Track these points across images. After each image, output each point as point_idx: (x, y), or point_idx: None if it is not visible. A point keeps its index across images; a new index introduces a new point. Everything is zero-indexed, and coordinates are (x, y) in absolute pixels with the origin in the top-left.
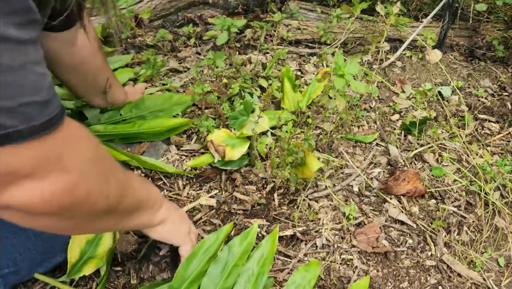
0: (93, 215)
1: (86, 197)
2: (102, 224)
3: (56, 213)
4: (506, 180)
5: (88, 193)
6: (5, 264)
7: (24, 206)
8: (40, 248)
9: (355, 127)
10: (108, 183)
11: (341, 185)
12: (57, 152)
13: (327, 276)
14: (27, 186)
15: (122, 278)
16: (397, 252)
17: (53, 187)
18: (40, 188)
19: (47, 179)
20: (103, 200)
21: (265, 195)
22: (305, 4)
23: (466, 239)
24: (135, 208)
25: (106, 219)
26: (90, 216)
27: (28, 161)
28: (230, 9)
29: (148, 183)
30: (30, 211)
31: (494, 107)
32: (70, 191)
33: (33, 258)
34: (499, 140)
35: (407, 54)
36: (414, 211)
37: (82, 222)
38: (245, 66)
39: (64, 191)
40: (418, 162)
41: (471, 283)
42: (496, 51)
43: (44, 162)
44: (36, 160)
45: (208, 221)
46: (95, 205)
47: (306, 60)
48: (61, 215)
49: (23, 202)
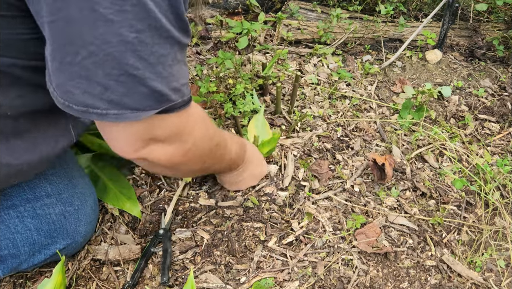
0: (192, 170)
1: (191, 161)
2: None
3: (170, 167)
4: (506, 180)
5: (193, 159)
6: (5, 244)
7: (156, 161)
8: (42, 230)
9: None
10: (209, 154)
11: (341, 185)
12: (185, 124)
13: (327, 276)
14: (160, 147)
15: (122, 278)
16: (397, 252)
17: (175, 151)
18: (168, 151)
19: (173, 145)
20: (202, 164)
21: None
22: (305, 4)
23: (466, 239)
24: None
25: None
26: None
27: (170, 128)
28: (230, 9)
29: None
30: (157, 164)
31: (494, 107)
32: (184, 156)
33: (33, 241)
34: (499, 140)
35: (407, 54)
36: (414, 211)
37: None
38: (245, 66)
39: (180, 156)
40: (418, 162)
41: (471, 283)
42: (496, 51)
43: (177, 131)
44: (175, 127)
45: (208, 221)
46: (196, 166)
47: (306, 60)
48: (171, 168)
49: (156, 158)
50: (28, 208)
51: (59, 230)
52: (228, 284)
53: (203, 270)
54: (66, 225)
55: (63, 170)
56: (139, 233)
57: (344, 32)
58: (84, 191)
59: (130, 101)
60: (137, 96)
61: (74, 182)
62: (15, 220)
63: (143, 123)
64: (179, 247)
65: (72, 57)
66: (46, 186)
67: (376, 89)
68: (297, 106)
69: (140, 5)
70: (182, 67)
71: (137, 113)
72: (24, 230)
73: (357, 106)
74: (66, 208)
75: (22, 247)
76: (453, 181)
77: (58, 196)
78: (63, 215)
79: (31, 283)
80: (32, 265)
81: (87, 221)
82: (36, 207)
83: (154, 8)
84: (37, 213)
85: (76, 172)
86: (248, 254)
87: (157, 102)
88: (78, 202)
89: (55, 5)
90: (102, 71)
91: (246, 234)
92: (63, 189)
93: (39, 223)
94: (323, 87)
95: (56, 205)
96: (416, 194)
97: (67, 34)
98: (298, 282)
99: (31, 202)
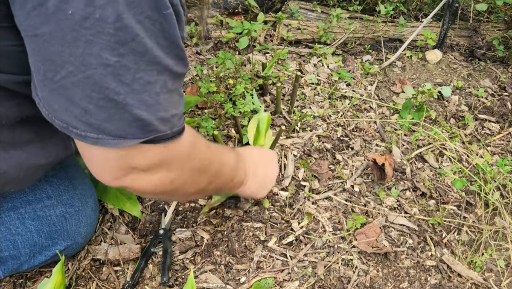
0: (188, 194)
1: (182, 187)
2: (196, 195)
3: (160, 194)
4: (506, 180)
5: (184, 185)
6: (5, 246)
7: (141, 190)
8: (43, 232)
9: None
10: (200, 176)
11: (341, 185)
12: (173, 154)
13: (327, 276)
14: (143, 176)
15: (122, 278)
16: (397, 252)
17: (161, 181)
18: (152, 180)
19: (157, 175)
20: (194, 187)
21: None
22: (305, 4)
23: (466, 239)
24: (228, 183)
25: (196, 195)
26: (186, 194)
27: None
28: (230, 9)
29: (241, 163)
30: (143, 192)
31: (494, 107)
32: (171, 184)
33: (34, 243)
34: (499, 140)
35: (407, 54)
36: (414, 211)
37: (179, 197)
38: (245, 66)
39: (167, 185)
40: (418, 162)
41: (471, 283)
42: (496, 51)
43: (162, 162)
44: (159, 158)
45: (208, 221)
46: (188, 190)
47: (306, 60)
48: (162, 195)
49: (140, 187)
50: (28, 210)
51: (59, 231)
52: (228, 284)
53: (203, 270)
54: (66, 226)
55: (63, 172)
56: (139, 233)
57: (344, 32)
58: (84, 192)
59: (111, 127)
60: (118, 123)
61: (74, 183)
62: (16, 221)
63: (124, 151)
64: (179, 247)
65: (53, 74)
66: (46, 187)
67: (376, 89)
68: (297, 106)
69: (124, 29)
70: (174, 96)
71: (118, 141)
72: (24, 231)
73: (357, 106)
74: (66, 209)
75: (22, 248)
76: (453, 181)
77: (58, 197)
78: (63, 216)
79: (31, 283)
80: (32, 266)
81: (88, 222)
82: (37, 208)
83: (141, 32)
84: (38, 214)
85: (76, 173)
86: (248, 254)
87: (142, 131)
88: (78, 203)
89: (37, 20)
90: (82, 93)
91: (246, 234)
92: (63, 190)
93: (40, 225)
94: (323, 87)
95: (56, 207)
96: (416, 194)
97: (47, 51)
98: (298, 282)
99: (32, 204)
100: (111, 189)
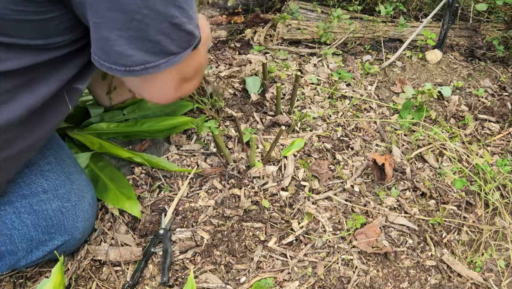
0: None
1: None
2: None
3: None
4: (506, 180)
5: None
6: (2, 240)
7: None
8: (39, 226)
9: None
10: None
11: (341, 185)
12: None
13: (327, 276)
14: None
15: (122, 278)
16: (397, 252)
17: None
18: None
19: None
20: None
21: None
22: (305, 4)
23: (466, 239)
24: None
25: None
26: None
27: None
28: (230, 9)
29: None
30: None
31: (494, 107)
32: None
33: (31, 238)
34: (499, 140)
35: (407, 54)
36: (414, 211)
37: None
38: (245, 66)
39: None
40: (418, 162)
41: (471, 283)
42: (496, 51)
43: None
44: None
45: (208, 221)
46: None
47: (306, 60)
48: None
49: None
50: (24, 204)
51: (56, 226)
52: (228, 284)
53: (203, 270)
54: (63, 221)
55: (59, 166)
56: (139, 233)
57: (344, 32)
58: (81, 187)
59: (173, 47)
60: (178, 41)
61: (71, 178)
62: (12, 216)
63: (181, 65)
64: (179, 247)
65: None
66: (42, 182)
67: (376, 89)
68: (297, 106)
69: None
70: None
71: (180, 55)
72: (21, 226)
73: (357, 106)
74: (63, 203)
75: (19, 243)
76: (453, 181)
77: (54, 191)
78: (60, 211)
79: (31, 283)
80: (30, 262)
81: (85, 217)
82: (33, 203)
83: None
84: (34, 208)
85: (73, 169)
86: (248, 254)
87: (190, 42)
88: (75, 198)
89: None
90: (154, 28)
91: (246, 234)
92: (59, 185)
93: (36, 219)
94: (323, 87)
95: (53, 201)
96: (416, 194)
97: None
98: (298, 282)
99: (28, 198)
100: (110, 189)
